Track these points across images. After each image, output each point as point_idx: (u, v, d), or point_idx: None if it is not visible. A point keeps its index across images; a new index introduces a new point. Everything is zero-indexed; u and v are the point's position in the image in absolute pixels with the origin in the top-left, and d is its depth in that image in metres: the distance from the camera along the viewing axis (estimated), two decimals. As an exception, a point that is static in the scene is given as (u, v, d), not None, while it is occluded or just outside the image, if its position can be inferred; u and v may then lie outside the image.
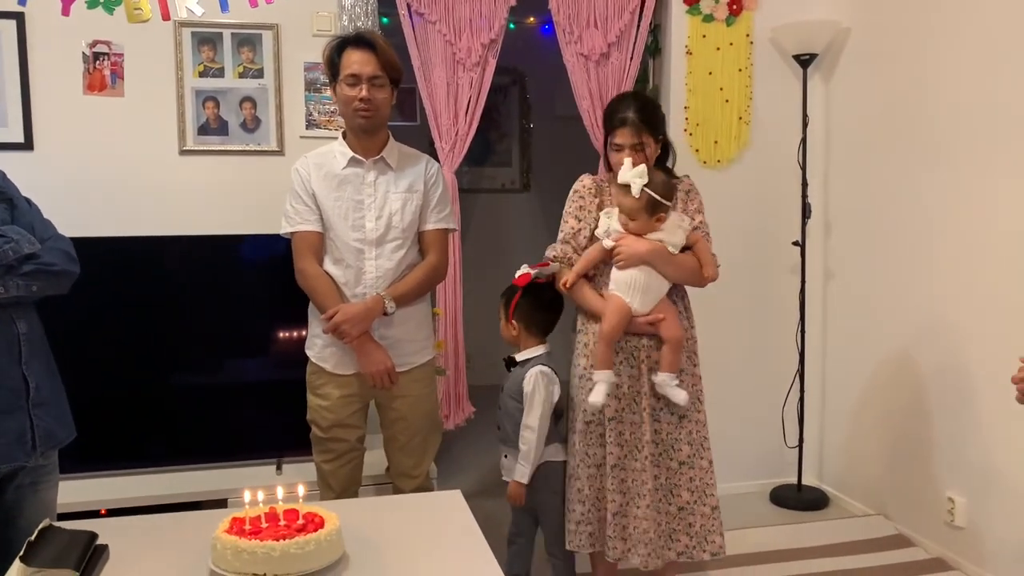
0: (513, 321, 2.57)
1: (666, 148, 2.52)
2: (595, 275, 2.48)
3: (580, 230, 2.49)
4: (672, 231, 2.37)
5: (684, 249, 2.42)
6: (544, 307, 2.58)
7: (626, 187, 2.32)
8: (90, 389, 2.66)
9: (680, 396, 2.38)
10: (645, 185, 2.29)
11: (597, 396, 2.36)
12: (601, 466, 2.46)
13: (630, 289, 2.37)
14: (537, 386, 2.49)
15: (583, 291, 2.47)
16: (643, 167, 2.31)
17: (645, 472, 2.41)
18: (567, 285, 2.44)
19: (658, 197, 2.31)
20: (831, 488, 3.72)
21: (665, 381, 2.38)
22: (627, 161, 2.34)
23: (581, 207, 2.50)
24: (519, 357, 2.58)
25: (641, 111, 2.39)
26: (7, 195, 1.91)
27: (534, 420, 2.49)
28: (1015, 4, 2.71)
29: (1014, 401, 1.93)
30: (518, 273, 2.57)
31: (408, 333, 2.51)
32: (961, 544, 2.99)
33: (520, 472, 2.52)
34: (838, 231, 3.65)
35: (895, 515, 3.34)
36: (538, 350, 2.57)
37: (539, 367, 2.52)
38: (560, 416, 2.62)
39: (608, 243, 2.39)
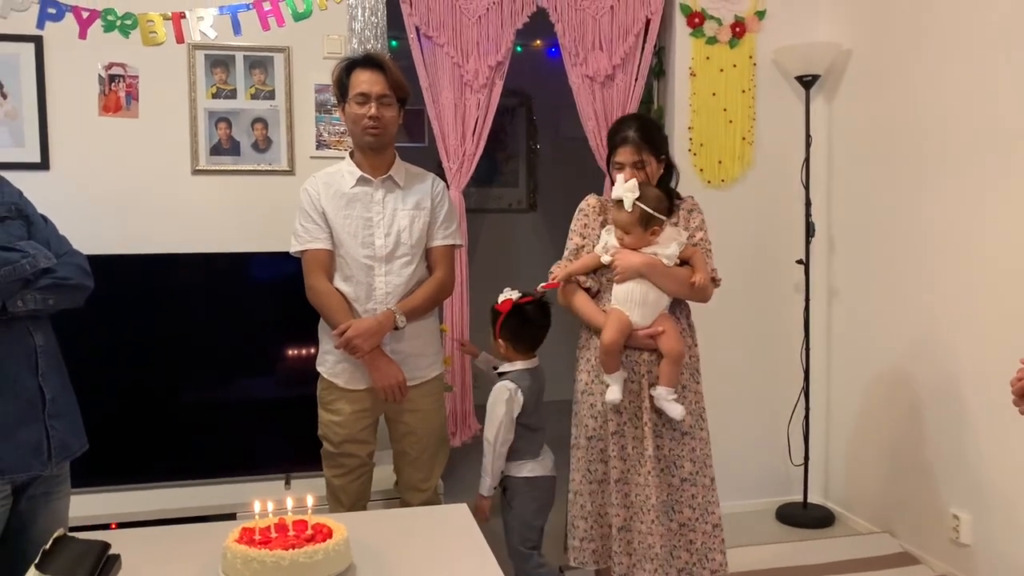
0: (499, 340, 2.65)
1: (669, 168, 2.54)
2: (599, 291, 2.51)
3: (583, 247, 2.52)
4: (666, 244, 2.39)
5: (683, 264, 2.44)
6: (529, 323, 2.65)
7: (620, 202, 2.36)
8: (101, 403, 2.69)
9: (676, 411, 2.38)
10: (637, 199, 2.33)
11: (613, 394, 2.38)
12: (603, 482, 2.48)
13: (628, 302, 2.39)
14: (497, 401, 2.58)
15: (576, 297, 2.50)
16: (634, 182, 2.35)
17: (649, 487, 2.41)
18: (554, 280, 2.50)
19: (650, 210, 2.33)
20: (837, 506, 3.72)
21: (662, 395, 2.38)
22: (619, 177, 2.39)
23: (585, 225, 2.54)
24: (501, 369, 2.66)
25: (641, 130, 2.44)
26: (24, 212, 1.96)
27: (491, 433, 2.58)
28: (1011, 24, 2.75)
29: (1018, 417, 1.93)
30: (501, 298, 2.66)
31: (418, 348, 2.55)
32: (966, 561, 2.99)
33: (481, 484, 2.60)
34: (842, 249, 3.68)
35: (901, 533, 3.34)
36: (517, 364, 2.64)
37: (505, 382, 2.60)
38: (535, 431, 2.65)
39: (606, 258, 2.42)
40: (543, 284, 2.55)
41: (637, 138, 2.42)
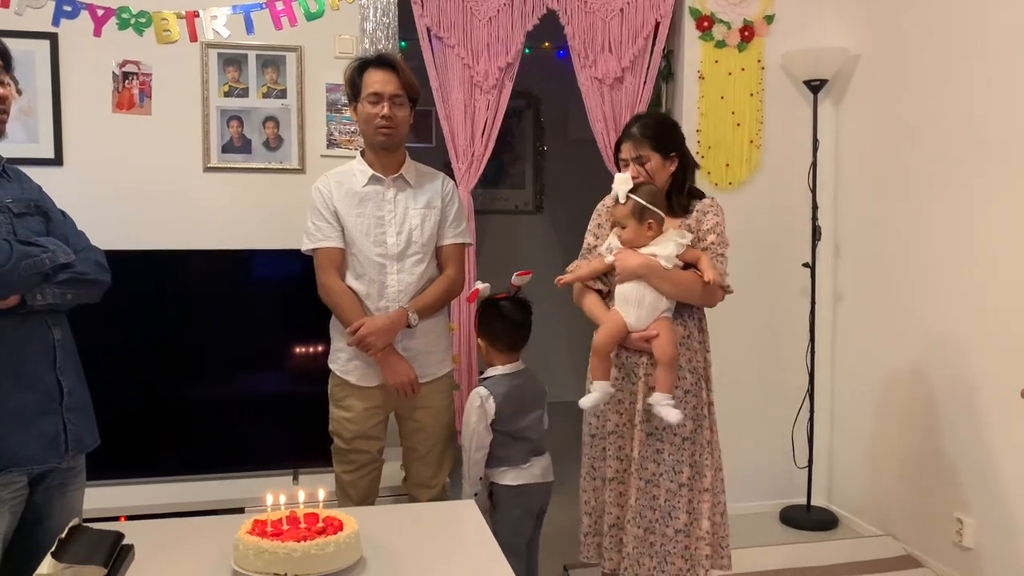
0: (479, 340, 2.64)
1: (684, 166, 2.48)
2: (610, 292, 2.51)
3: (595, 246, 2.51)
4: (664, 245, 2.31)
5: (688, 267, 2.37)
6: (506, 321, 2.61)
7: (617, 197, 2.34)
8: (113, 397, 2.72)
9: (671, 415, 2.28)
10: (630, 191, 2.30)
11: (585, 401, 2.35)
12: (604, 479, 2.48)
13: (625, 303, 2.35)
14: (470, 408, 2.56)
15: (587, 299, 2.47)
16: (628, 175, 2.33)
17: (640, 490, 2.40)
18: (560, 283, 2.46)
19: (643, 202, 2.29)
20: (840, 509, 3.74)
21: (657, 401, 2.31)
22: (617, 175, 2.38)
23: (599, 225, 2.53)
24: (485, 375, 2.63)
25: (644, 127, 2.41)
26: (43, 208, 1.99)
27: (466, 441, 2.56)
28: (1019, 29, 2.76)
29: (1022, 422, 1.94)
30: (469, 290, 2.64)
31: (429, 345, 2.58)
32: (969, 565, 3.00)
33: (463, 491, 2.58)
34: (848, 253, 3.70)
35: (904, 536, 3.35)
36: (497, 369, 2.61)
37: (479, 388, 2.57)
38: (519, 439, 2.60)
39: (609, 258, 2.39)
40: (518, 273, 2.53)
41: (637, 134, 2.39)
